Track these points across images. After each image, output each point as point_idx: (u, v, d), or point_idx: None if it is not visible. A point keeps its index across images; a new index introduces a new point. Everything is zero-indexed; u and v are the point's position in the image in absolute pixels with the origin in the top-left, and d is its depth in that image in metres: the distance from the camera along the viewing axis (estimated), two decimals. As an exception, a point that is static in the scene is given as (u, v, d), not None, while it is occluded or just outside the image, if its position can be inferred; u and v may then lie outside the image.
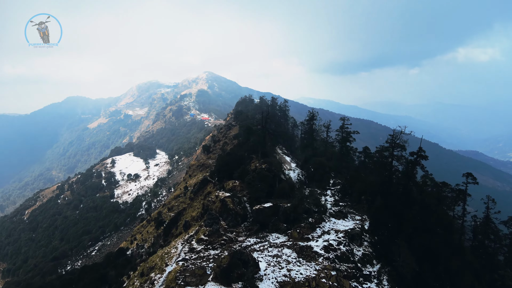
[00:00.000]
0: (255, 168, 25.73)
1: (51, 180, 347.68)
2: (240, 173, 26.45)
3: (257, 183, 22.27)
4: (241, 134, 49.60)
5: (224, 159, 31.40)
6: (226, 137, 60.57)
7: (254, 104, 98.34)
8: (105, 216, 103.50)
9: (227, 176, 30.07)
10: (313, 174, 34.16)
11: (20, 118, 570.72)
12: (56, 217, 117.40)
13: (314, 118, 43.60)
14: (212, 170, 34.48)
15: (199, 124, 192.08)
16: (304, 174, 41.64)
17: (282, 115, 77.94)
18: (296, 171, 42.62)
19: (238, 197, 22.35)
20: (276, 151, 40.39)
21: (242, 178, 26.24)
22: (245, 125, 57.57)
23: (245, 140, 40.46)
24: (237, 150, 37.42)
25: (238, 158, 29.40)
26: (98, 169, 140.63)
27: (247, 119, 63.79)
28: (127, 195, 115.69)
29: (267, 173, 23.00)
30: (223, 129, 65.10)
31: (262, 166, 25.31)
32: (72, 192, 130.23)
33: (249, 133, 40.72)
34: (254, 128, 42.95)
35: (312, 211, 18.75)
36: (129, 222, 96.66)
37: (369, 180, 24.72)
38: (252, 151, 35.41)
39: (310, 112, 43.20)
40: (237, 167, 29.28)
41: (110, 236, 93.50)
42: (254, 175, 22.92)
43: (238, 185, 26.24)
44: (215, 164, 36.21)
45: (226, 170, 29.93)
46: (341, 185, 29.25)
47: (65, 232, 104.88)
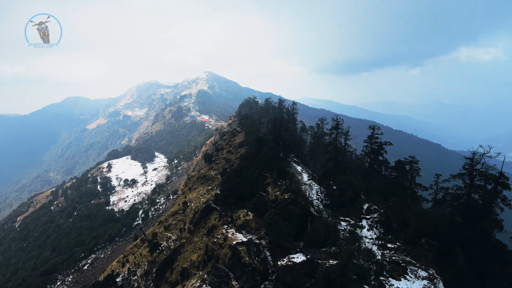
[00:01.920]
0: (276, 198, 19.71)
1: (49, 182, 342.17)
2: (255, 205, 20.30)
3: (281, 223, 16.32)
4: (248, 142, 43.52)
5: (231, 179, 25.26)
6: (230, 145, 54.30)
7: (259, 106, 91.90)
8: (99, 226, 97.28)
9: (236, 202, 23.88)
10: (338, 195, 28.00)
11: (19, 118, 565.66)
12: (48, 225, 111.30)
13: (339, 127, 36.75)
14: (216, 193, 28.28)
15: (199, 126, 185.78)
16: (323, 192, 35.35)
17: (290, 119, 71.80)
18: (314, 187, 36.26)
19: (255, 243, 16.22)
20: (290, 164, 34.37)
21: (257, 210, 20.05)
22: (252, 131, 51.45)
23: (254, 152, 34.22)
24: (246, 164, 31.20)
25: (250, 180, 23.28)
26: (94, 173, 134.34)
27: (253, 124, 57.59)
28: (124, 202, 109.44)
29: (293, 209, 17.05)
30: (226, 136, 59.00)
31: (284, 196, 19.29)
32: (66, 198, 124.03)
33: (260, 144, 34.48)
34: (265, 138, 36.66)
35: (366, 271, 12.83)
36: (124, 233, 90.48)
37: (428, 217, 18.63)
38: (265, 168, 29.24)
39: (334, 120, 36.53)
40: (249, 191, 23.16)
41: (104, 248, 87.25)
42: (276, 212, 16.88)
43: (252, 220, 20.06)
44: (219, 184, 30.21)
45: (235, 195, 23.77)
46: (381, 214, 23.06)
47: (57, 242, 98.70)
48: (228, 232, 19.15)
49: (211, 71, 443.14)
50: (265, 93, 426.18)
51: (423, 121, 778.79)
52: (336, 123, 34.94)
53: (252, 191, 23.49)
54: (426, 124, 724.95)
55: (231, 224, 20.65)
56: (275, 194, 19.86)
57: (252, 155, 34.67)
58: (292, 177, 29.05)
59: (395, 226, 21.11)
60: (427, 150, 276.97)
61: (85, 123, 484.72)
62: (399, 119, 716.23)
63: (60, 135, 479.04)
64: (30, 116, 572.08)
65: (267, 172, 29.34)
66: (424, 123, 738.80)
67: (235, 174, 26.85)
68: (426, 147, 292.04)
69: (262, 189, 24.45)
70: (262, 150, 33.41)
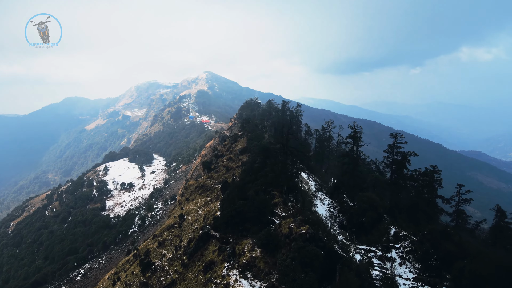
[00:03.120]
0: (290, 232, 15.72)
1: (47, 184, 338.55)
2: (265, 240, 16.22)
3: (299, 272, 12.43)
4: (251, 149, 39.58)
5: (232, 199, 21.18)
6: (231, 151, 50.16)
7: (260, 108, 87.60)
8: (94, 232, 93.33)
9: (238, 227, 19.83)
10: (357, 213, 24.04)
11: (18, 118, 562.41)
12: (42, 231, 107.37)
13: (357, 136, 31.91)
14: (216, 216, 24.18)
15: (198, 127, 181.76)
16: (336, 207, 31.27)
17: (294, 121, 67.75)
18: (325, 202, 32.18)
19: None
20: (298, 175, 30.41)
21: (266, 247, 16.05)
22: (254, 137, 47.42)
23: (259, 163, 30.11)
24: (249, 179, 27.14)
25: (256, 204, 19.21)
26: (90, 177, 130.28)
27: (256, 129, 53.52)
28: (120, 207, 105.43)
29: (314, 250, 13.15)
30: (227, 142, 54.92)
31: (301, 229, 15.31)
32: (61, 202, 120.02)
33: (266, 155, 30.40)
34: (271, 148, 32.46)
35: None
36: (120, 241, 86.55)
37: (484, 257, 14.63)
38: (272, 184, 25.24)
39: (351, 127, 31.81)
40: (255, 217, 19.17)
41: (98, 257, 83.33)
42: (293, 255, 13.00)
43: (260, 259, 15.93)
44: (219, 202, 26.22)
45: (238, 221, 19.76)
46: (412, 243, 19.00)
47: (50, 249, 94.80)
48: (230, 277, 15.16)
49: (211, 71, 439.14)
50: (266, 93, 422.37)
51: (423, 121, 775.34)
52: (353, 131, 30.54)
53: (258, 216, 19.51)
54: (427, 124, 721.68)
55: (233, 260, 16.65)
56: (289, 227, 15.98)
57: (257, 167, 30.65)
58: (305, 195, 25.05)
59: (435, 262, 17.21)
60: (429, 150, 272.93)
61: (84, 123, 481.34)
62: (399, 119, 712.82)
63: (59, 136, 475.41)
64: (29, 116, 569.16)
65: (274, 189, 25.26)
66: (424, 123, 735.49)
67: (238, 191, 22.94)
68: (428, 147, 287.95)
69: (270, 211, 20.47)
70: (268, 162, 29.41)
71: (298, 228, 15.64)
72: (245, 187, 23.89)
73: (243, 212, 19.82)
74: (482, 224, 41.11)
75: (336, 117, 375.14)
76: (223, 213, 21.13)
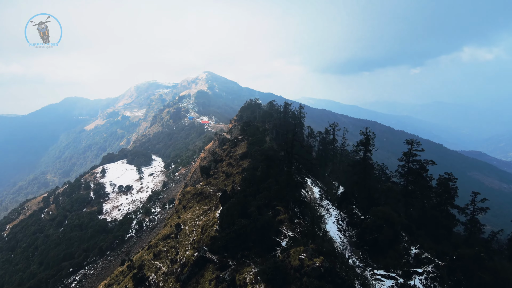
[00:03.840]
0: (301, 265, 13.31)
1: (46, 185, 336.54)
2: (270, 273, 13.65)
3: None
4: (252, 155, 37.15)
5: (232, 216, 18.70)
6: (231, 156, 47.59)
7: (261, 110, 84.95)
8: (90, 237, 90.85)
9: (239, 251, 17.36)
10: (370, 230, 21.59)
11: (17, 119, 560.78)
12: (37, 235, 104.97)
13: (369, 143, 29.30)
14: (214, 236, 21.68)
15: (198, 128, 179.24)
16: (345, 219, 28.73)
17: (297, 123, 65.31)
18: (333, 213, 29.64)
19: None
20: (304, 184, 28.00)
21: (272, 281, 13.53)
22: (256, 141, 44.88)
23: (262, 171, 27.55)
24: (251, 191, 24.66)
25: (259, 226, 16.72)
26: (87, 179, 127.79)
27: (257, 132, 50.94)
28: (117, 210, 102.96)
29: None
30: (226, 146, 52.35)
31: (314, 262, 12.89)
32: (57, 205, 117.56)
33: (270, 165, 27.77)
34: (275, 156, 29.83)
35: None
36: (116, 246, 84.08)
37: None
38: (277, 197, 22.79)
39: (363, 133, 28.72)
40: (258, 240, 16.75)
41: (94, 263, 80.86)
42: None
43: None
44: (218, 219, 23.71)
45: (238, 244, 17.29)
46: (437, 267, 16.58)
47: (45, 254, 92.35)
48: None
49: (211, 71, 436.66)
50: (266, 93, 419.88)
51: (423, 121, 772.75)
52: (365, 137, 27.73)
53: (262, 239, 17.05)
54: (427, 124, 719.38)
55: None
56: (300, 258, 13.55)
57: (259, 176, 28.13)
58: (313, 210, 22.55)
59: None
60: (430, 150, 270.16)
61: (84, 123, 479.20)
62: (400, 119, 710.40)
63: (58, 136, 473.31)
64: (28, 117, 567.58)
65: (279, 203, 22.80)
66: (425, 123, 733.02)
67: (238, 206, 20.52)
68: (429, 147, 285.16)
69: (275, 230, 18.00)
70: (271, 171, 26.91)
71: (311, 260, 13.16)
72: (246, 201, 21.47)
73: (244, 234, 17.39)
74: (499, 234, 38.58)
75: (336, 117, 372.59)
76: (222, 235, 18.67)
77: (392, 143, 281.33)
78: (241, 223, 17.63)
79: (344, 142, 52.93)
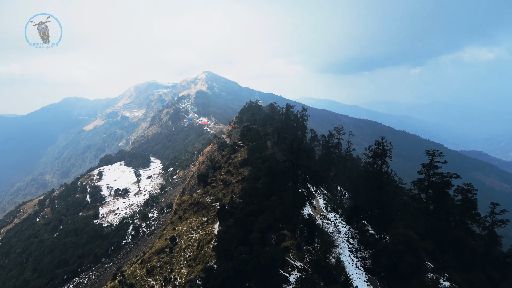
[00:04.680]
0: None
1: (44, 185, 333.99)
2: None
3: None
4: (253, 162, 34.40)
5: (229, 237, 16.16)
6: (230, 163, 44.67)
7: (262, 112, 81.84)
8: (85, 243, 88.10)
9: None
10: (388, 255, 18.82)
11: (17, 119, 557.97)
12: (31, 240, 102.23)
13: (386, 155, 26.11)
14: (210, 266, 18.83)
15: (197, 129, 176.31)
16: (355, 236, 25.91)
17: (299, 126, 62.44)
18: (342, 229, 26.78)
19: None
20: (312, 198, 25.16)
21: None
22: (256, 147, 42.01)
23: (265, 184, 24.68)
24: (252, 208, 21.78)
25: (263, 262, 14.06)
26: (84, 182, 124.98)
27: (258, 137, 47.95)
28: (114, 215, 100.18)
29: None
30: (225, 152, 49.48)
31: None
32: (53, 209, 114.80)
33: (273, 179, 24.87)
34: (279, 168, 26.75)
35: None
36: (112, 253, 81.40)
37: None
38: (280, 219, 20.02)
39: (378, 143, 24.92)
40: (263, 278, 14.09)
41: (89, 270, 78.19)
42: None
43: None
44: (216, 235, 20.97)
45: (238, 281, 14.64)
46: None
47: (39, 260, 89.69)
48: None
49: (211, 71, 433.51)
50: (266, 93, 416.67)
51: (423, 121, 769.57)
52: (381, 147, 24.28)
53: (265, 278, 14.40)
54: (427, 124, 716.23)
55: None
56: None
57: (260, 188, 25.22)
58: (324, 236, 19.61)
59: None
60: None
61: (83, 124, 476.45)
62: (400, 119, 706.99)
63: (57, 137, 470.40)
64: (27, 117, 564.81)
65: (284, 225, 20.01)
66: (425, 123, 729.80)
67: (237, 227, 17.85)
68: (429, 147, 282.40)
69: (280, 261, 15.31)
70: (275, 186, 24.11)
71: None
72: (246, 221, 18.76)
73: (244, 271, 14.70)
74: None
75: (337, 117, 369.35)
76: (219, 272, 15.90)
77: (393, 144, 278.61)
78: (241, 257, 14.89)
79: (350, 146, 50.11)
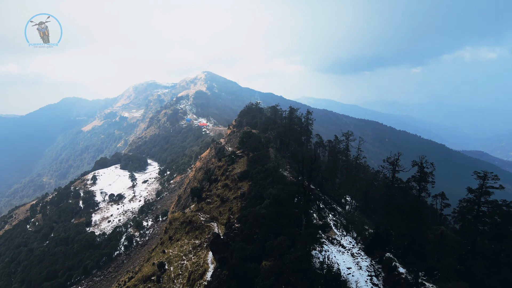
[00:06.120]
0: None
1: (42, 187, 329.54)
2: None
3: None
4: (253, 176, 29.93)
5: None
6: (227, 176, 39.61)
7: (263, 115, 76.54)
8: (75, 253, 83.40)
9: None
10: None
11: (15, 119, 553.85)
12: (21, 249, 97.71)
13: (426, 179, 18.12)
14: None
15: (196, 131, 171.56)
16: (380, 275, 21.20)
17: (304, 131, 57.76)
18: (363, 265, 22.14)
19: None
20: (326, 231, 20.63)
21: None
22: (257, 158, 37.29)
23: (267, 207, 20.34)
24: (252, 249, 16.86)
25: None
26: (77, 186, 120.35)
27: (259, 145, 43.10)
28: (107, 222, 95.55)
29: None
30: (223, 162, 44.63)
31: None
32: (44, 215, 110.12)
33: (279, 211, 20.23)
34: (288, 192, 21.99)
35: None
36: (103, 264, 76.66)
37: None
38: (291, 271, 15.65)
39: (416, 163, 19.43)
40: None
41: (78, 283, 73.60)
42: None
43: None
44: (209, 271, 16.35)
45: None
46: None
47: (28, 271, 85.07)
48: None
49: (210, 71, 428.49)
50: (266, 93, 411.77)
51: (424, 121, 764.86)
52: (419, 167, 19.17)
53: None
54: (427, 124, 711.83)
55: None
56: None
57: (264, 216, 20.56)
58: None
59: None
60: (432, 151, 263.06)
61: (81, 124, 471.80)
62: (400, 119, 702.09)
63: (56, 137, 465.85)
64: (26, 117, 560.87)
65: (297, 280, 15.36)
66: (425, 123, 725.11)
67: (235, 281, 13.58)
68: (431, 148, 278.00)
69: None
70: (283, 219, 19.56)
71: None
72: (246, 269, 14.30)
73: None
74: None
75: (338, 118, 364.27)
76: None
77: (393, 144, 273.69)
78: None
79: (360, 153, 45.51)
